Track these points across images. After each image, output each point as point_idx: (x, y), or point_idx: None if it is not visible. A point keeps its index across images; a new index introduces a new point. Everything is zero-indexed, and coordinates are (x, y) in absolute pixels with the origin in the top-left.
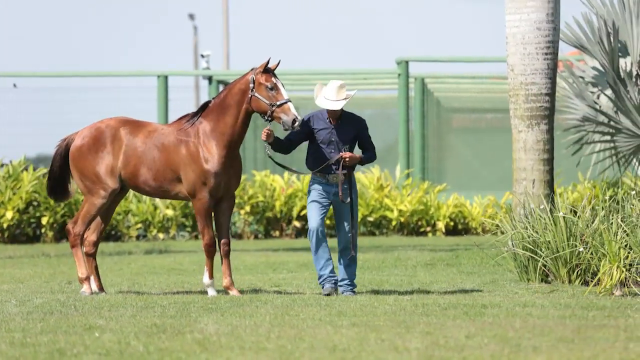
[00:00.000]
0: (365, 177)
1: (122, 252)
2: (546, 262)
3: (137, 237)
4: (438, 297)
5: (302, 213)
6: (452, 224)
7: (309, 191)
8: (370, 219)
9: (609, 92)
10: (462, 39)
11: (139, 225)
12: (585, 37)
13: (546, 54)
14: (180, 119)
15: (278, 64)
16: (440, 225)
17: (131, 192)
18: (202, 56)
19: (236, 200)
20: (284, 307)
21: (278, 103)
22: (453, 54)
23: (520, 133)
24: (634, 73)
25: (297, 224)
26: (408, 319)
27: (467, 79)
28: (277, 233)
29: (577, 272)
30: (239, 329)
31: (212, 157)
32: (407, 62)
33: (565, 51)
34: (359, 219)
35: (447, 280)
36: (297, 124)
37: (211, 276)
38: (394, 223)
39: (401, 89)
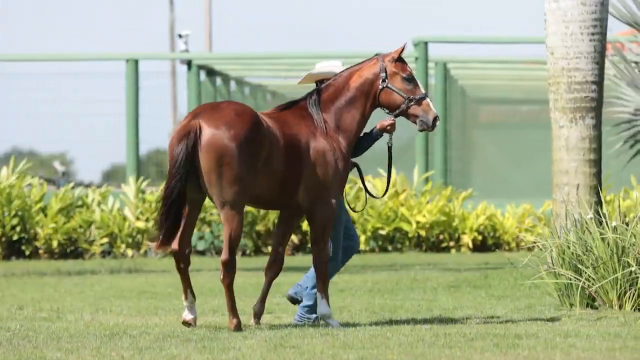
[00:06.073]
0: (377, 181)
1: (83, 272)
2: (592, 283)
3: (102, 254)
4: (463, 326)
5: (303, 225)
6: (480, 238)
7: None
8: (383, 232)
9: None
10: (491, 16)
11: (104, 240)
12: None
13: (592, 33)
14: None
15: (403, 46)
16: (466, 239)
17: (94, 200)
18: (180, 36)
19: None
20: (277, 337)
21: (417, 97)
22: (481, 33)
23: (562, 129)
24: None
25: (293, 237)
26: (427, 351)
27: (497, 63)
28: (270, 249)
29: (630, 296)
30: None
31: None
32: (426, 44)
33: (615, 31)
34: (369, 232)
35: (474, 306)
36: (438, 122)
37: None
38: (411, 237)
39: (419, 75)
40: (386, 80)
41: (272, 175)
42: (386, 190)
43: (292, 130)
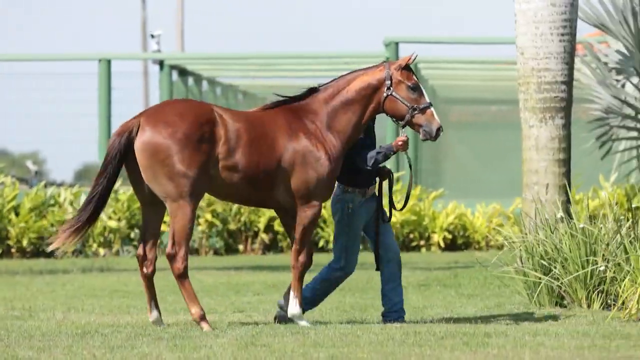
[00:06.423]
0: None
1: (55, 271)
2: (561, 282)
3: (74, 253)
4: (433, 325)
5: (273, 224)
6: (450, 237)
7: (351, 221)
8: None
9: (635, 80)
10: (462, 16)
11: None
12: (607, 15)
13: (562, 34)
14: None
15: (413, 57)
16: (436, 238)
17: (66, 199)
18: (152, 36)
19: None
20: (249, 336)
21: (421, 106)
22: (451, 34)
23: (532, 129)
24: None
25: (264, 237)
26: (397, 350)
27: (467, 64)
28: (241, 248)
29: (598, 295)
30: None
31: None
32: (396, 44)
33: (584, 32)
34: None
35: (443, 305)
36: (441, 133)
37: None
38: None
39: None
40: (391, 88)
41: (236, 173)
42: (404, 205)
43: (266, 129)
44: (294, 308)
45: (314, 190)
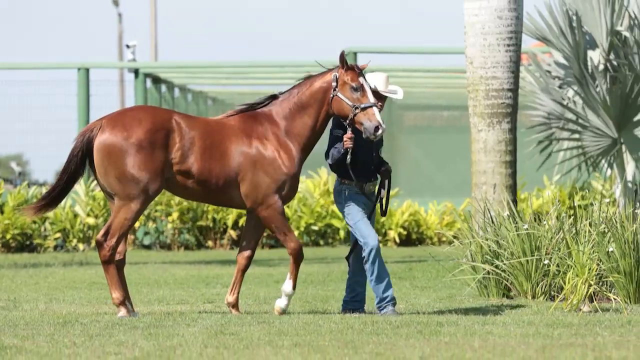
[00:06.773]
0: (311, 181)
1: (38, 264)
2: (508, 275)
3: (55, 248)
4: (389, 314)
5: (240, 221)
6: (405, 233)
7: (347, 204)
8: (315, 227)
9: (576, 87)
10: (416, 28)
11: (57, 235)
12: (547, 28)
13: (508, 45)
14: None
15: (367, 64)
16: (392, 234)
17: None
18: (128, 47)
19: (163, 207)
20: (218, 325)
21: (362, 106)
22: (406, 44)
23: (480, 132)
24: (602, 67)
25: (232, 233)
26: (356, 338)
27: (421, 72)
28: (211, 243)
29: (542, 287)
30: (168, 350)
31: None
32: (355, 54)
33: (529, 43)
34: (302, 228)
35: (399, 296)
36: (380, 132)
37: (294, 286)
38: (341, 233)
39: None
40: (336, 89)
41: (190, 177)
42: (385, 209)
43: (222, 136)
44: (287, 286)
45: (268, 191)
